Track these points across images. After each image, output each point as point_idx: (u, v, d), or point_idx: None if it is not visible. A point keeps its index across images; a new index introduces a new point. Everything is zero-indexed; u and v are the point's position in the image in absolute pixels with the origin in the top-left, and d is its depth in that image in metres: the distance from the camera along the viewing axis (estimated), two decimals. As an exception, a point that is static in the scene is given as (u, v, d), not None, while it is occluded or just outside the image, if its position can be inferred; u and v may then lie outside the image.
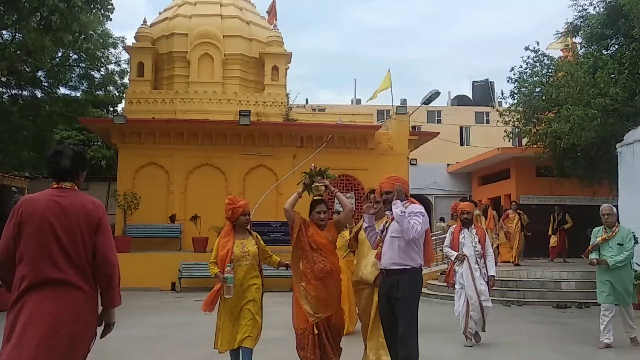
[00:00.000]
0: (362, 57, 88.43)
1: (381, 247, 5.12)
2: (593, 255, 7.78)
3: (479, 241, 8.00)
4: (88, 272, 3.33)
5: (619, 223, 7.98)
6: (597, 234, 7.88)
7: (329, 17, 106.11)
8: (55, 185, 3.43)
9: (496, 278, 8.44)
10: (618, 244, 7.61)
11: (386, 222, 5.19)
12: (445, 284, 10.03)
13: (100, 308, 3.46)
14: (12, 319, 3.17)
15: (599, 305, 7.86)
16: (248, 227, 6.04)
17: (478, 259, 7.89)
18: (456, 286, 8.02)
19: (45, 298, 3.16)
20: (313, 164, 5.62)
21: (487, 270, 7.89)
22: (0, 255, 3.25)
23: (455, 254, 8.00)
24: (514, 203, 17.43)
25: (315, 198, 5.63)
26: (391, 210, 5.05)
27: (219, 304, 5.72)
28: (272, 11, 22.72)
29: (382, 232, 5.17)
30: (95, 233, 3.37)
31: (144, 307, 11.94)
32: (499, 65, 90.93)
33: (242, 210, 5.86)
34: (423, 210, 5.05)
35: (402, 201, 5.03)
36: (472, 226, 8.23)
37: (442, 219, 22.52)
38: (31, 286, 3.17)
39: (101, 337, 3.53)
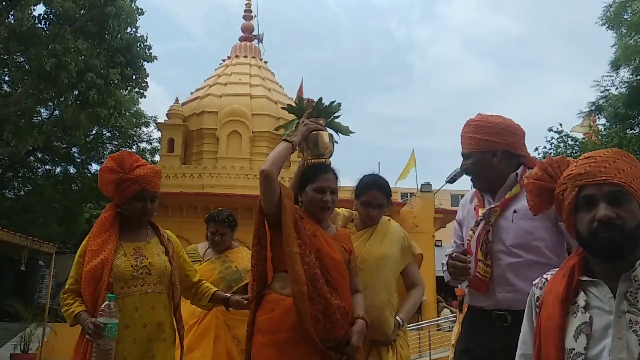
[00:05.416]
0: (382, 146, 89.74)
1: (487, 265, 2.44)
2: None
3: None
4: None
5: None
6: None
7: (346, 108, 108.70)
8: None
9: None
10: None
11: (486, 218, 2.50)
12: None
13: None
14: None
15: None
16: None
17: None
18: None
19: None
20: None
21: None
22: None
23: None
24: None
25: (313, 161, 2.85)
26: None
27: None
28: (299, 94, 23.49)
29: (480, 238, 2.49)
30: None
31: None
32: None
33: (139, 188, 2.70)
34: None
35: None
36: None
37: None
38: None
39: None
